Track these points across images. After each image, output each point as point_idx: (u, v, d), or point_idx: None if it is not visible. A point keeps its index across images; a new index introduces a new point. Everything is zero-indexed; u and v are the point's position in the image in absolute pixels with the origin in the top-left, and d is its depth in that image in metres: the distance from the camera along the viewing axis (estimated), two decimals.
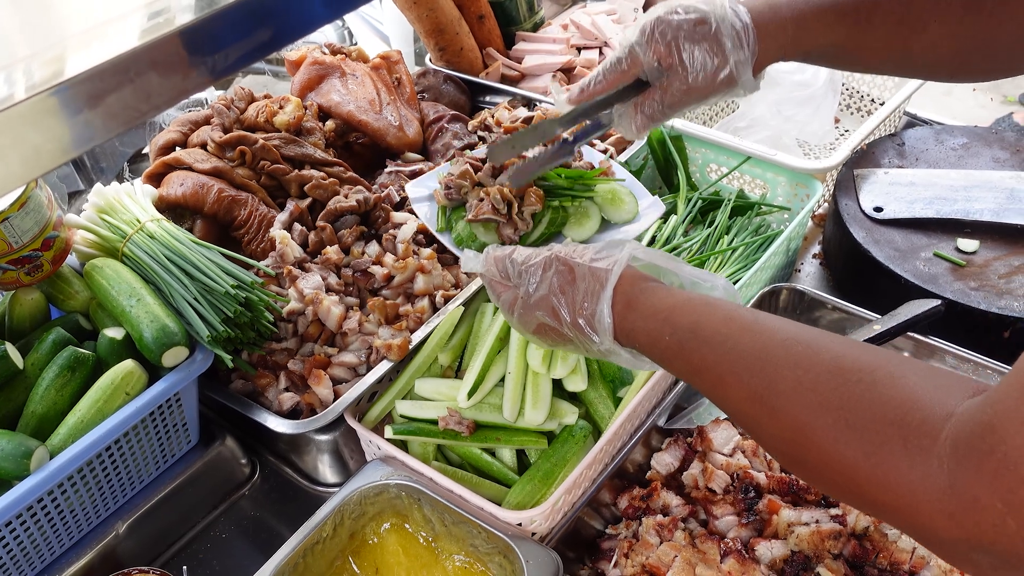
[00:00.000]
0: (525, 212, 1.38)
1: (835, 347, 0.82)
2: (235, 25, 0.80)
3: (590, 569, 1.40)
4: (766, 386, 0.84)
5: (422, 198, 1.50)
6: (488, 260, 1.22)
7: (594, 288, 1.06)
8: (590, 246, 1.13)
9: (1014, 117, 4.63)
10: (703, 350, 0.92)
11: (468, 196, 1.42)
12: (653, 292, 1.03)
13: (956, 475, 0.67)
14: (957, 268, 1.68)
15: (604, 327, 1.04)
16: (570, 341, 1.11)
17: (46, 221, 1.45)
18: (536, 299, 1.12)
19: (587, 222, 1.47)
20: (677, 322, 0.97)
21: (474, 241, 1.39)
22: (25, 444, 1.26)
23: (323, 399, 1.46)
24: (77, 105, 0.70)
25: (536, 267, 1.13)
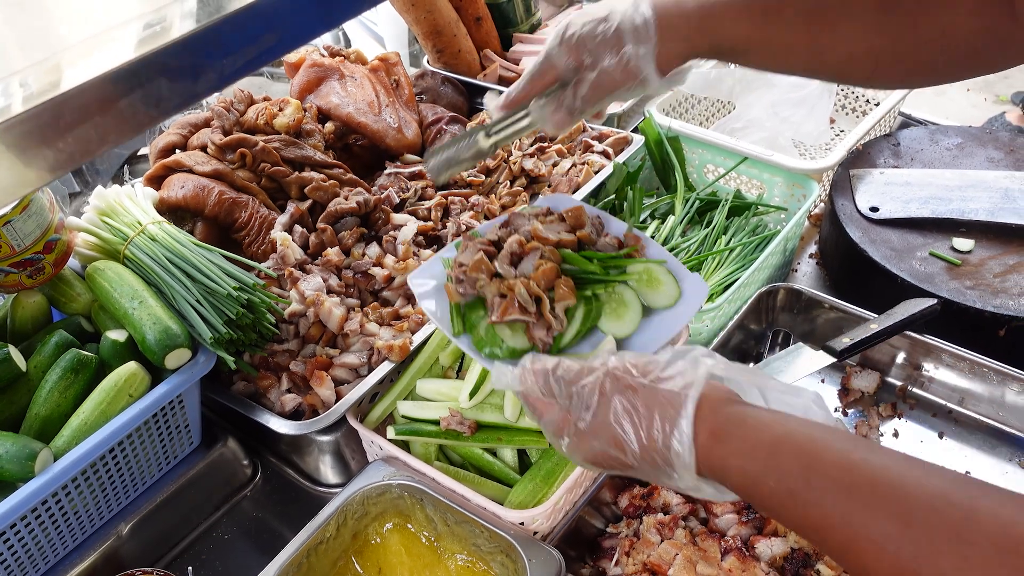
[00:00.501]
0: (557, 308, 1.18)
1: (999, 510, 0.70)
2: (238, 33, 0.81)
3: (592, 568, 1.41)
4: (920, 562, 0.71)
5: (428, 292, 1.29)
6: (526, 375, 1.05)
7: (668, 415, 0.90)
8: (652, 359, 0.98)
9: (1006, 116, 4.66)
10: (823, 504, 0.78)
11: (485, 290, 1.21)
12: (743, 421, 0.88)
13: None
14: (953, 267, 1.70)
15: (684, 463, 0.88)
16: (639, 472, 0.96)
17: (48, 224, 1.46)
18: (593, 427, 0.96)
19: (626, 312, 1.25)
20: (782, 465, 0.82)
21: (499, 345, 1.19)
22: (29, 446, 1.26)
23: (325, 400, 1.47)
24: (78, 115, 0.71)
25: (590, 388, 0.97)
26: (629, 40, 1.11)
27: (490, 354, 1.19)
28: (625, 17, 1.11)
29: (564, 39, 1.16)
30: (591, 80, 1.15)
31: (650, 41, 1.11)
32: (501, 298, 1.19)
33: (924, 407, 1.63)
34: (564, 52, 1.16)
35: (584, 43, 1.14)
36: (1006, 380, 1.54)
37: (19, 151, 0.69)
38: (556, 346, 1.19)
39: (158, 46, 0.75)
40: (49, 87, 0.69)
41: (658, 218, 1.92)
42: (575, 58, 1.16)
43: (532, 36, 2.50)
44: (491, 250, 1.24)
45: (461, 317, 1.23)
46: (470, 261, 1.22)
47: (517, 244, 1.23)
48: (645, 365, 0.96)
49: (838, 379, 1.69)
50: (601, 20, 1.14)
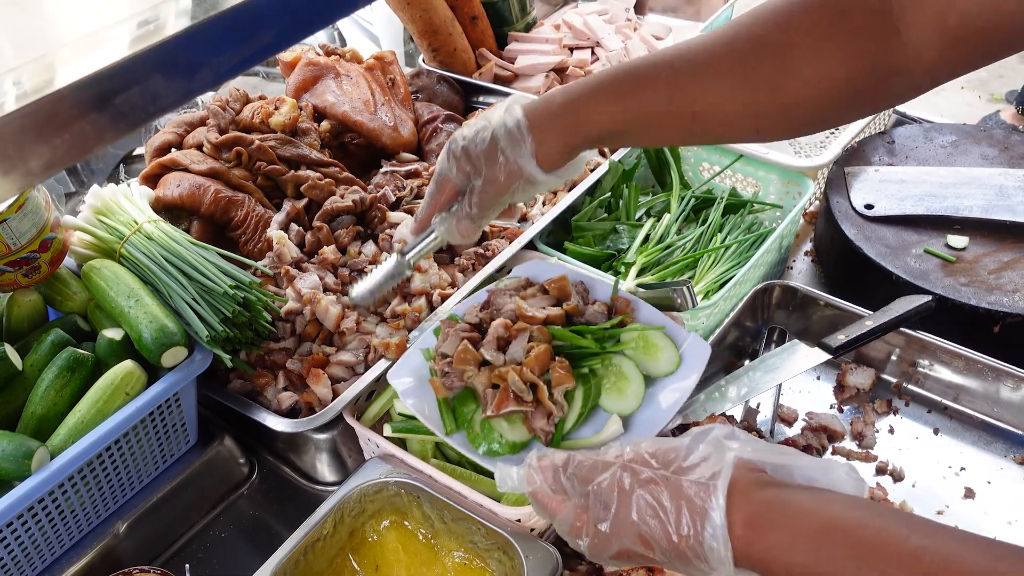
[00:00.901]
0: (556, 393, 1.11)
1: None
2: (233, 31, 0.81)
3: (588, 564, 1.41)
4: None
5: (411, 390, 1.22)
6: (533, 475, 0.99)
7: (697, 508, 0.84)
8: (671, 447, 0.91)
9: (1000, 115, 4.67)
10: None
11: (474, 382, 1.14)
12: (783, 508, 0.82)
13: None
14: (947, 264, 1.71)
15: (720, 558, 0.83)
16: (669, 567, 0.90)
17: (44, 223, 1.45)
18: (616, 526, 0.90)
19: (628, 386, 1.17)
20: (834, 557, 0.77)
21: (498, 441, 1.12)
22: (26, 445, 1.26)
23: (322, 398, 1.47)
24: (75, 112, 0.71)
25: (608, 485, 0.91)
26: (505, 144, 1.15)
27: (489, 451, 1.13)
28: (498, 124, 1.16)
29: (451, 153, 1.21)
30: (479, 188, 1.19)
31: (524, 142, 1.14)
32: (494, 389, 1.12)
33: (919, 403, 1.64)
34: (453, 166, 1.21)
35: (468, 154, 1.19)
36: (1001, 376, 1.55)
37: (16, 147, 0.69)
38: (559, 434, 1.13)
39: (154, 42, 0.75)
40: (45, 84, 0.69)
41: (654, 216, 1.92)
42: (462, 170, 1.21)
43: (527, 35, 2.50)
44: (474, 336, 1.19)
45: (452, 413, 1.17)
46: (453, 351, 1.16)
47: (503, 328, 1.17)
48: (665, 454, 0.91)
49: (833, 376, 1.70)
50: (479, 130, 1.19)
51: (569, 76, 2.34)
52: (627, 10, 2.59)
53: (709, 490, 0.84)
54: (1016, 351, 1.57)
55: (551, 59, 2.35)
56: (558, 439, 1.13)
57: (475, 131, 1.20)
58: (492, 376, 1.11)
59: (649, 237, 1.84)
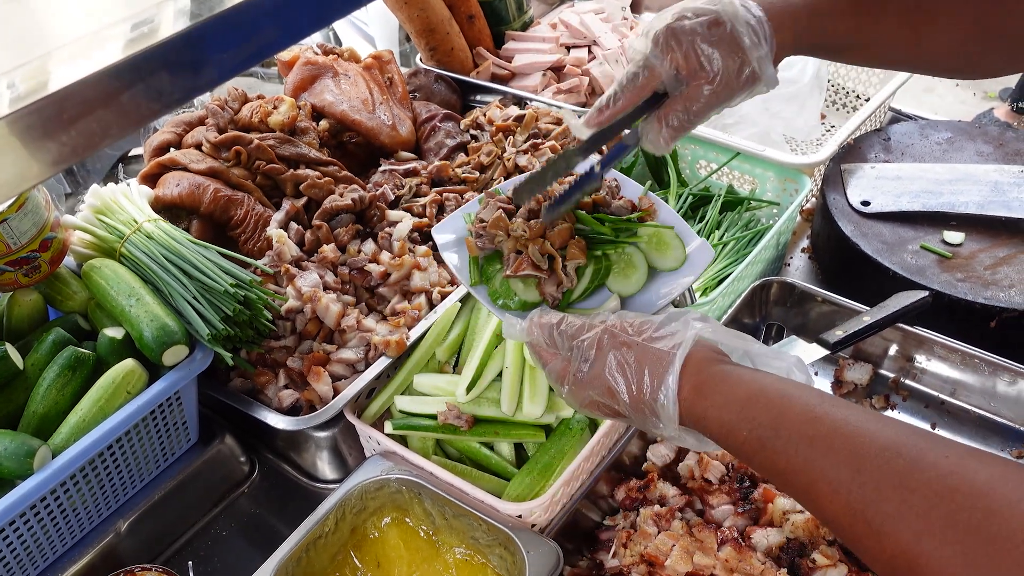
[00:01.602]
0: (568, 267, 1.23)
1: (941, 461, 0.74)
2: (234, 30, 0.82)
3: (589, 560, 1.42)
4: (867, 503, 0.77)
5: (450, 244, 1.34)
6: (533, 328, 1.12)
7: (656, 371, 0.97)
8: (648, 320, 1.03)
9: (994, 112, 4.69)
10: (788, 451, 0.85)
11: (502, 246, 1.26)
12: (724, 378, 0.94)
13: None
14: (944, 260, 1.71)
15: (669, 414, 0.95)
16: (628, 420, 1.04)
17: (44, 222, 1.46)
18: (590, 377, 1.03)
19: (633, 273, 1.29)
20: (755, 416, 0.88)
21: (512, 297, 1.24)
22: (28, 443, 1.26)
23: (323, 396, 1.47)
24: (80, 109, 0.71)
25: (589, 343, 1.04)
26: (748, 42, 1.05)
27: (503, 305, 1.25)
28: (738, 19, 1.05)
29: (669, 44, 1.06)
30: (705, 91, 1.07)
31: (765, 40, 1.05)
32: (517, 254, 1.24)
33: (917, 398, 1.64)
34: (667, 59, 1.07)
35: (693, 48, 1.05)
36: (997, 371, 1.56)
37: (20, 145, 0.69)
38: (565, 301, 1.24)
39: (158, 41, 0.76)
40: (50, 82, 0.70)
41: None
42: (681, 66, 1.06)
43: (524, 34, 2.51)
44: (510, 208, 1.29)
45: (479, 269, 1.29)
46: (490, 218, 1.27)
47: (535, 202, 1.27)
48: (640, 324, 1.03)
49: (831, 371, 1.71)
50: (711, 23, 1.05)
51: (566, 75, 2.34)
52: (623, 8, 2.60)
53: (669, 358, 0.97)
54: (1012, 346, 1.58)
55: (548, 58, 2.36)
56: (563, 305, 1.24)
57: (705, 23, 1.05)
58: (517, 243, 1.24)
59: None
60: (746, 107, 2.20)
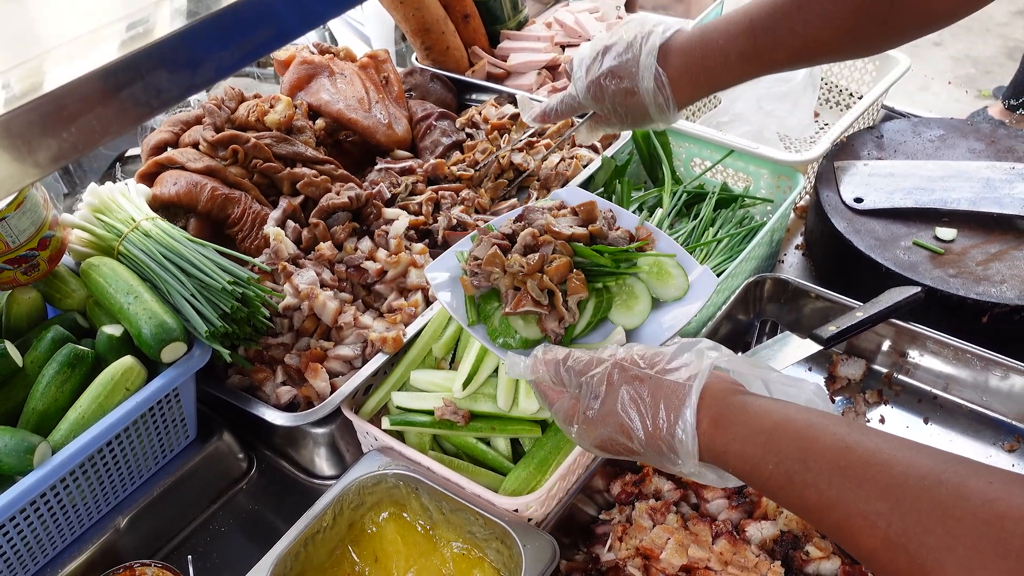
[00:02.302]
0: (570, 302, 1.22)
1: (985, 488, 0.72)
2: (231, 28, 0.83)
3: (585, 554, 1.43)
4: (909, 536, 0.73)
5: (444, 284, 1.34)
6: (538, 365, 1.10)
7: (673, 405, 0.94)
8: (659, 352, 1.02)
9: (988, 111, 4.71)
10: (819, 484, 0.81)
11: (499, 283, 1.25)
12: (744, 409, 0.91)
13: None
14: (936, 256, 1.73)
15: (688, 449, 0.92)
16: (644, 459, 1.01)
17: (42, 221, 1.46)
18: (601, 415, 1.00)
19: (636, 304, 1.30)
20: (781, 449, 0.85)
21: (513, 335, 1.24)
22: (28, 440, 1.27)
23: (320, 392, 1.48)
24: (70, 112, 0.72)
25: (599, 379, 1.01)
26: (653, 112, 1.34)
27: (504, 344, 1.24)
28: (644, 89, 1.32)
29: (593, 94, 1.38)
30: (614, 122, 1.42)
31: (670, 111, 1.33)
32: (515, 291, 1.23)
33: (910, 393, 1.66)
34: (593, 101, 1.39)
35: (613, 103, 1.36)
36: (989, 366, 1.57)
37: (18, 144, 0.70)
38: (568, 336, 1.24)
39: (155, 39, 0.77)
40: (48, 81, 0.71)
41: (646, 211, 1.94)
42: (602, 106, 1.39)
43: (519, 33, 2.52)
44: (505, 244, 1.29)
45: (476, 308, 1.28)
46: (484, 255, 1.26)
47: (530, 237, 1.27)
48: (652, 357, 1.00)
49: (825, 367, 1.72)
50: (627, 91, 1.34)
51: (561, 74, 2.35)
52: (617, 8, 2.61)
53: (685, 390, 0.94)
54: (1004, 341, 1.59)
55: (543, 57, 2.37)
56: (567, 341, 1.24)
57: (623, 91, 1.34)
58: (515, 280, 1.24)
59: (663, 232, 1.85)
60: (740, 105, 2.21)
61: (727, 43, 1.28)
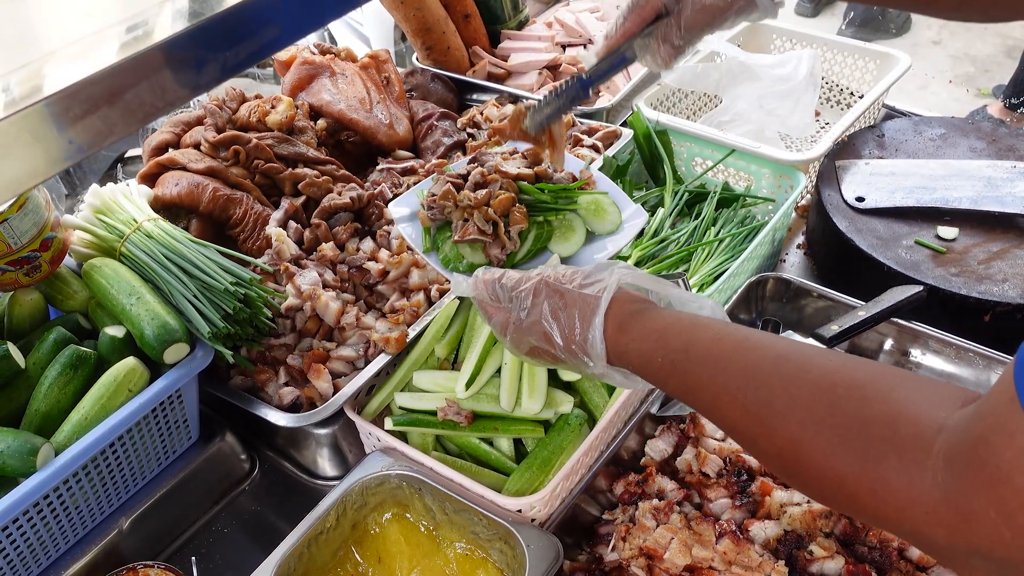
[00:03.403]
0: (512, 231, 1.37)
1: (825, 363, 0.84)
2: (241, 25, 0.83)
3: (588, 554, 1.43)
4: (760, 404, 0.85)
5: (404, 217, 1.48)
6: (477, 284, 1.22)
7: (585, 314, 1.07)
8: (578, 270, 1.13)
9: (988, 109, 4.71)
10: (696, 370, 0.94)
11: (452, 216, 1.40)
12: (643, 314, 1.04)
13: (950, 488, 0.68)
14: (938, 255, 1.73)
15: (597, 352, 1.05)
16: (563, 363, 1.12)
17: (44, 222, 1.46)
18: (528, 324, 1.13)
19: (572, 236, 1.45)
20: (669, 343, 0.98)
21: (461, 261, 1.38)
22: (31, 441, 1.27)
23: (323, 393, 1.48)
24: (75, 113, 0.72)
25: (526, 293, 1.13)
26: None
27: (453, 268, 1.40)
28: None
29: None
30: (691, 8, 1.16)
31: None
32: (464, 222, 1.37)
33: None
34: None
35: None
36: (991, 364, 1.57)
37: (22, 145, 0.70)
38: (509, 263, 1.39)
39: (159, 40, 0.77)
40: (51, 82, 0.71)
41: (648, 210, 1.94)
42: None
43: (520, 32, 2.52)
44: (459, 182, 1.43)
45: (431, 237, 1.44)
46: (440, 191, 1.40)
47: (480, 175, 1.42)
48: (571, 274, 1.12)
49: None
50: None
51: (562, 73, 2.35)
52: (618, 7, 2.60)
53: (596, 301, 1.06)
54: (1006, 339, 1.59)
55: (544, 56, 2.37)
56: (508, 266, 1.36)
57: None
58: (465, 212, 1.38)
59: (643, 231, 1.85)
60: (741, 105, 2.21)
61: None
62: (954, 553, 0.71)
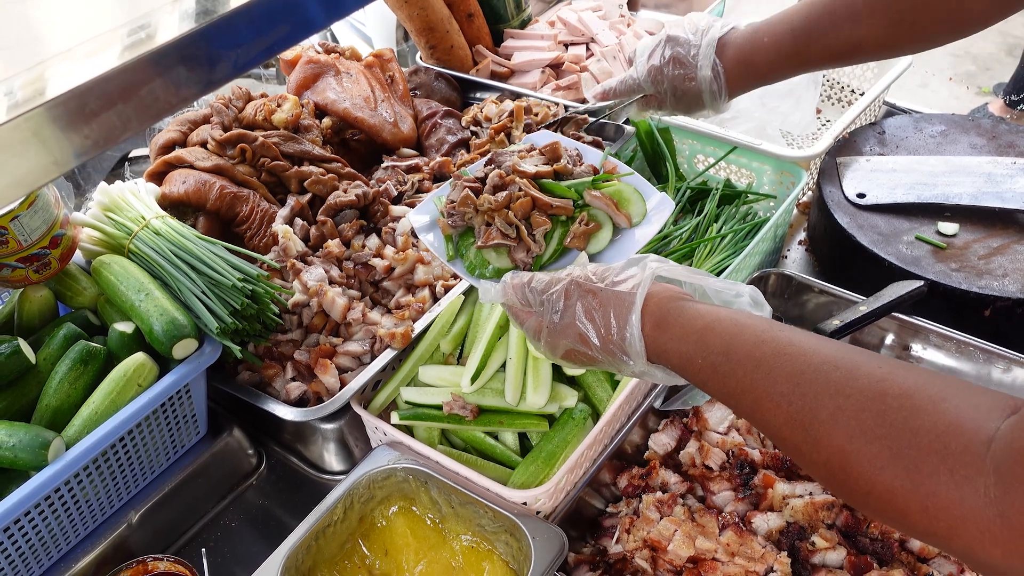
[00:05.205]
0: (537, 234, 1.34)
1: (874, 371, 0.82)
2: (246, 26, 0.84)
3: (592, 546, 1.45)
4: (806, 412, 0.84)
5: (425, 226, 1.46)
6: (507, 289, 1.21)
7: (621, 312, 1.05)
8: (609, 267, 1.12)
9: (989, 107, 4.72)
10: (737, 373, 0.92)
11: (473, 221, 1.38)
12: (682, 312, 1.02)
13: (1004, 502, 0.67)
14: (938, 250, 1.74)
15: (636, 350, 1.04)
16: (601, 363, 1.11)
17: (54, 219, 1.48)
18: (562, 327, 1.12)
19: (599, 232, 1.39)
20: (709, 344, 0.97)
21: (487, 267, 1.35)
22: (42, 435, 1.29)
23: (330, 387, 1.50)
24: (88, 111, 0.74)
25: (558, 295, 1.12)
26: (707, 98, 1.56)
27: (479, 275, 1.37)
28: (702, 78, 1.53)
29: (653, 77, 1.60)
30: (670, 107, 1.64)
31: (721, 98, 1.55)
32: (486, 227, 1.36)
33: None
34: (651, 85, 1.61)
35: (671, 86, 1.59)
36: (992, 359, 1.58)
37: (33, 144, 0.71)
38: (536, 265, 1.36)
39: (172, 38, 0.78)
40: (62, 82, 0.72)
41: None
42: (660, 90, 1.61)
43: (523, 31, 2.53)
44: (477, 186, 1.41)
45: (454, 245, 1.41)
46: (458, 197, 1.38)
47: (498, 177, 1.39)
48: (603, 272, 1.12)
49: None
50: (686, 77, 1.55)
51: (565, 71, 2.37)
52: (620, 6, 2.62)
53: (631, 298, 1.05)
54: (1006, 334, 1.61)
55: (547, 55, 2.38)
56: (535, 269, 1.34)
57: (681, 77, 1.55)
58: (486, 217, 1.36)
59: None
60: (743, 102, 2.22)
61: (772, 42, 1.45)
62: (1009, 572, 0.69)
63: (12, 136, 0.68)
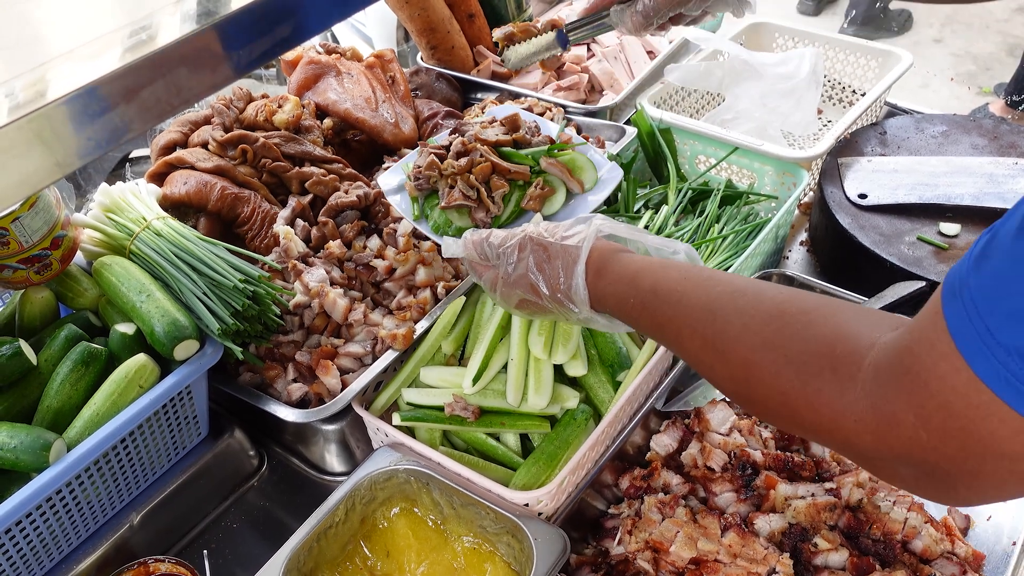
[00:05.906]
0: (496, 196, 1.48)
1: (776, 295, 0.91)
2: (248, 28, 0.84)
3: (594, 548, 1.45)
4: (716, 333, 0.93)
5: (394, 189, 1.59)
6: (467, 245, 1.31)
7: (568, 263, 1.15)
8: (559, 224, 1.22)
9: (989, 107, 4.72)
10: (663, 307, 1.02)
11: (438, 184, 1.51)
12: (619, 260, 1.12)
13: (876, 396, 0.74)
14: (940, 251, 1.74)
15: (581, 297, 1.13)
16: (550, 312, 1.20)
17: (55, 221, 1.48)
18: (515, 278, 1.21)
19: (553, 196, 1.55)
20: (640, 284, 1.06)
21: (450, 226, 1.48)
22: (43, 437, 1.29)
23: (331, 389, 1.50)
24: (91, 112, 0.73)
25: (512, 248, 1.22)
26: None
27: (442, 233, 1.50)
28: None
29: None
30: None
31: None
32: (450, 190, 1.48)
33: None
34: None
35: None
36: None
37: (35, 146, 0.71)
38: (495, 225, 1.50)
39: (176, 38, 0.78)
40: (64, 84, 0.72)
41: (652, 208, 1.96)
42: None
43: None
44: (442, 153, 1.55)
45: (420, 206, 1.55)
46: (424, 163, 1.51)
47: (460, 144, 1.52)
48: (553, 228, 1.21)
49: None
50: None
51: (566, 72, 2.36)
52: None
53: (577, 251, 1.15)
54: None
55: None
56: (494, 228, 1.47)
57: None
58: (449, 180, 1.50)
59: (647, 229, 1.87)
60: (744, 103, 2.22)
61: None
62: (880, 459, 0.76)
63: (15, 137, 0.68)
